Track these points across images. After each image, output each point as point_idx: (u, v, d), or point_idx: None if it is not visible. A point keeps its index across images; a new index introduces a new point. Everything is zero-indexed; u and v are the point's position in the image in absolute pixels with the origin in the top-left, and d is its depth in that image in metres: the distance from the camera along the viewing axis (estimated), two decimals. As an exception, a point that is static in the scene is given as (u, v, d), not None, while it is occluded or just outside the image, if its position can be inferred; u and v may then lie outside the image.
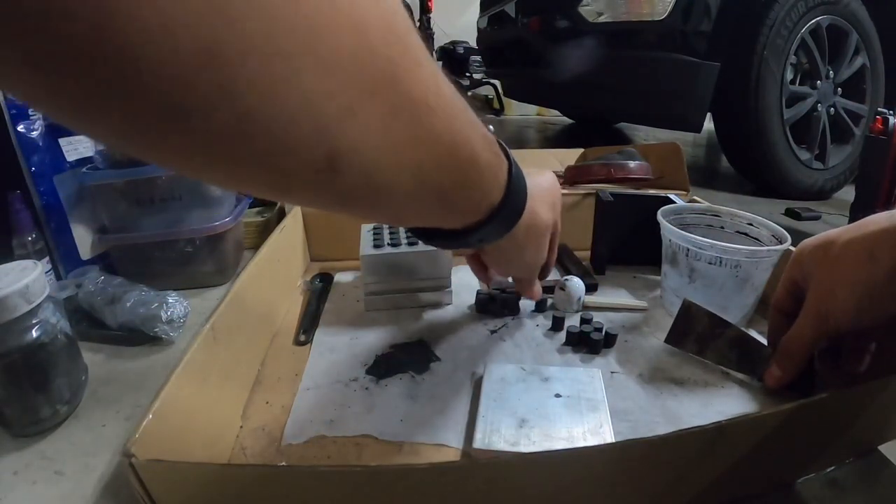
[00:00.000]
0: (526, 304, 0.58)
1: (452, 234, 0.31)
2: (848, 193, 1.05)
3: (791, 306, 0.41)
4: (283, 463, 0.36)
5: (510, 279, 0.50)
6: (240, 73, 0.14)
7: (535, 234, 0.38)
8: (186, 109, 0.14)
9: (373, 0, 0.18)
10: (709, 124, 1.26)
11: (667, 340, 0.48)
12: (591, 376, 0.43)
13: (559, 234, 0.44)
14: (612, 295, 0.61)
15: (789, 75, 1.16)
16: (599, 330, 0.50)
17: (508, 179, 0.31)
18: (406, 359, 0.48)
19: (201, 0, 0.13)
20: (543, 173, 0.41)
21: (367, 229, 0.61)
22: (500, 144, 0.31)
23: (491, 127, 0.31)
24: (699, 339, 0.46)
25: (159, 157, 0.17)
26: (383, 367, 0.47)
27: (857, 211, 0.87)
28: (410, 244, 0.57)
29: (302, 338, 0.52)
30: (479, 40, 2.12)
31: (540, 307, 0.57)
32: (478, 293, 0.58)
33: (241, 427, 0.40)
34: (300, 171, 0.18)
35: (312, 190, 0.20)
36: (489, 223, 0.31)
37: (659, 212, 0.56)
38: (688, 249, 0.51)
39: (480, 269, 0.49)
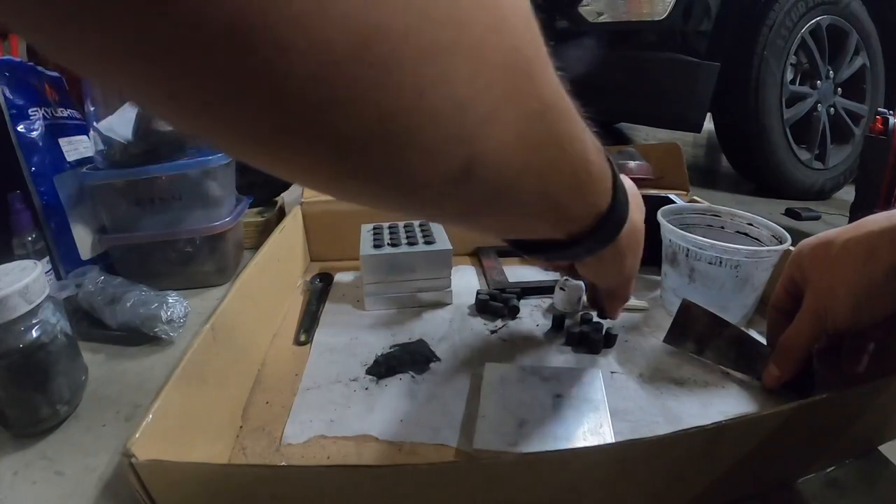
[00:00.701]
0: (526, 305, 0.58)
1: (558, 245, 0.30)
2: (848, 193, 1.05)
3: (790, 306, 0.41)
4: (283, 463, 0.36)
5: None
6: (389, 69, 0.13)
7: (635, 240, 0.36)
8: (331, 103, 0.13)
9: None
10: (709, 124, 1.26)
11: (666, 340, 0.48)
12: (591, 376, 0.43)
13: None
14: (612, 295, 0.61)
15: (789, 75, 1.16)
16: (599, 330, 0.50)
17: (614, 185, 0.29)
18: (406, 359, 0.48)
19: None
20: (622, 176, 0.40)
21: (367, 229, 0.61)
22: (604, 150, 0.30)
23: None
24: (698, 338, 0.46)
25: (287, 167, 0.15)
26: (383, 367, 0.47)
27: (857, 211, 0.86)
28: (410, 244, 0.57)
29: (302, 338, 0.52)
30: (479, 40, 2.11)
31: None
32: (478, 293, 0.58)
33: (241, 427, 0.40)
34: (432, 180, 0.17)
35: (437, 201, 0.19)
36: (597, 232, 0.29)
37: (659, 212, 0.56)
38: (688, 249, 0.51)
39: (597, 299, 0.47)
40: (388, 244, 0.57)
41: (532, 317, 0.56)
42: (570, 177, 0.24)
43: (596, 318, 0.52)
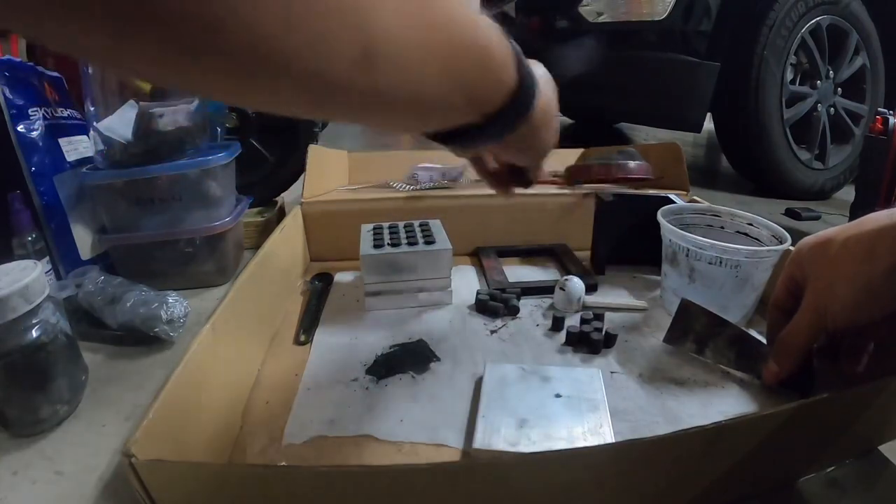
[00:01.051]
0: (526, 305, 0.58)
1: (475, 130, 0.30)
2: (848, 193, 1.05)
3: (790, 304, 0.41)
4: (283, 463, 0.36)
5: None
6: None
7: (548, 112, 0.37)
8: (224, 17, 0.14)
9: None
10: (709, 124, 1.26)
11: (665, 340, 0.48)
12: (591, 376, 0.43)
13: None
14: (612, 295, 0.61)
15: (789, 75, 1.16)
16: (599, 330, 0.50)
17: (519, 63, 0.30)
18: (406, 359, 0.48)
19: None
20: (532, 62, 0.41)
21: (367, 229, 0.61)
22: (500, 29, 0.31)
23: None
24: (698, 338, 0.46)
25: (189, 79, 0.17)
26: (383, 367, 0.47)
27: (857, 211, 0.87)
28: (410, 244, 0.57)
29: (302, 338, 0.52)
30: (479, 40, 2.11)
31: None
32: (478, 293, 0.58)
33: (241, 427, 0.40)
34: (338, 67, 0.18)
35: (350, 90, 0.20)
36: (510, 109, 0.30)
37: (659, 212, 0.56)
38: (688, 249, 0.51)
39: (485, 171, 0.46)
40: (389, 244, 0.57)
41: (532, 317, 0.56)
42: (472, 56, 0.25)
43: (596, 319, 0.52)
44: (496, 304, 0.56)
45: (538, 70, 0.37)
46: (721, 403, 0.42)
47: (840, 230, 0.37)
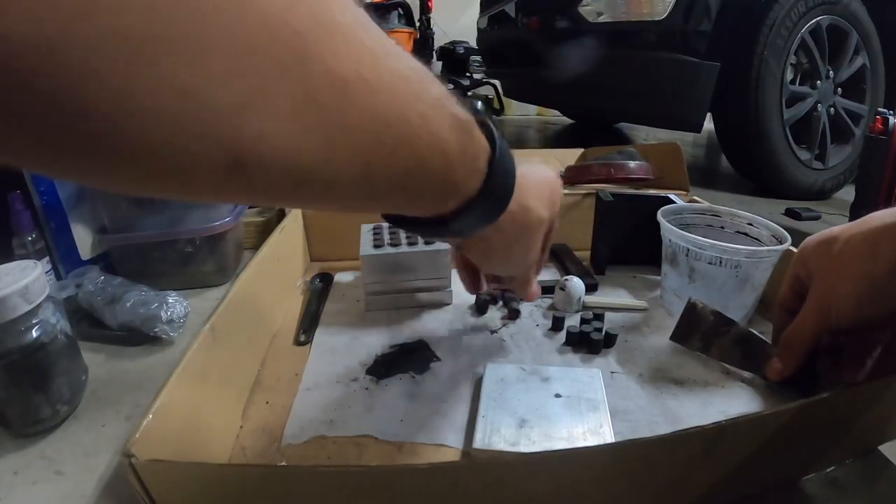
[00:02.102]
0: (526, 305, 0.58)
1: (427, 222, 0.28)
2: (848, 193, 1.05)
3: (796, 303, 0.41)
4: (283, 463, 0.36)
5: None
6: (89, 75, 0.12)
7: (526, 229, 0.34)
8: (55, 110, 0.13)
9: None
10: (709, 124, 1.26)
11: (672, 338, 0.48)
12: (591, 376, 0.43)
13: (554, 234, 0.40)
14: (612, 295, 0.61)
15: (789, 75, 1.16)
16: (599, 330, 0.50)
17: (490, 164, 0.27)
18: (406, 359, 0.48)
19: None
20: (543, 167, 0.37)
21: (367, 229, 0.61)
22: (486, 125, 0.28)
23: (478, 105, 0.29)
24: (704, 336, 0.46)
25: (45, 169, 0.15)
26: (383, 367, 0.47)
27: (857, 211, 0.87)
28: (410, 244, 0.57)
29: (302, 338, 0.52)
30: (479, 40, 2.12)
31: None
32: (478, 294, 0.58)
33: (241, 427, 0.40)
34: (205, 175, 0.16)
35: (230, 193, 0.18)
36: (466, 213, 0.27)
37: (659, 212, 0.56)
38: (688, 249, 0.51)
39: (467, 272, 0.45)
40: (389, 244, 0.57)
41: (532, 317, 0.56)
42: (406, 157, 0.21)
43: (596, 319, 0.52)
44: (496, 305, 0.56)
45: (540, 175, 0.35)
46: (721, 403, 0.42)
47: (844, 228, 0.37)
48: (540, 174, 0.36)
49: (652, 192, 0.75)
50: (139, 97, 0.13)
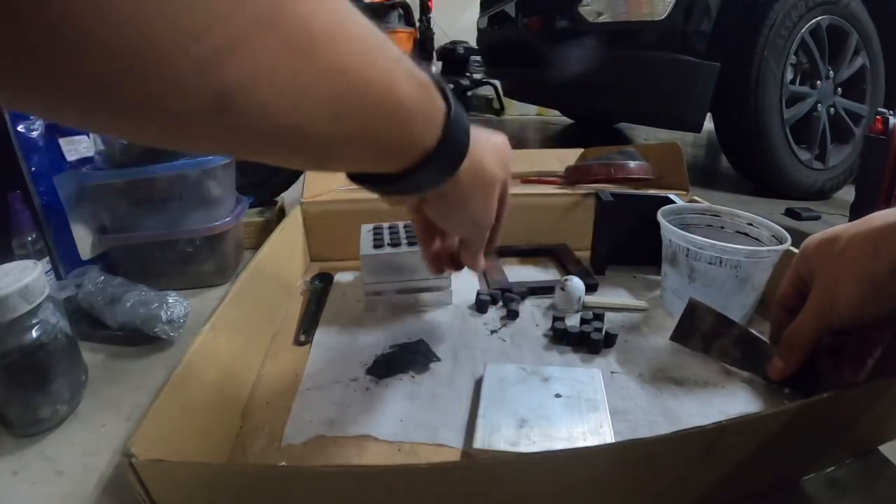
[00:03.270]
0: (526, 305, 0.58)
1: (388, 178, 0.29)
2: (848, 193, 1.05)
3: (796, 302, 0.41)
4: (283, 463, 0.36)
5: (496, 278, 0.49)
6: (107, 9, 0.14)
7: (482, 184, 0.35)
8: (61, 44, 0.14)
9: None
10: (709, 124, 1.26)
11: (672, 338, 0.48)
12: (591, 376, 0.43)
13: (508, 198, 0.41)
14: (612, 295, 0.61)
15: (789, 75, 1.16)
16: (599, 330, 0.50)
17: (446, 121, 0.29)
18: (406, 359, 0.48)
19: None
20: (493, 132, 0.39)
21: (367, 229, 0.61)
22: (440, 85, 0.29)
23: (436, 74, 0.30)
24: (704, 337, 0.46)
25: (36, 108, 0.17)
26: (383, 367, 0.47)
27: (857, 211, 0.87)
28: (410, 244, 0.57)
29: (302, 338, 0.52)
30: (479, 40, 2.12)
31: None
32: (478, 293, 0.58)
33: (241, 427, 0.40)
34: (190, 112, 0.18)
35: (211, 133, 0.19)
36: (426, 167, 0.29)
37: (659, 212, 0.56)
38: (688, 249, 0.51)
39: (425, 227, 0.44)
40: (389, 244, 0.57)
41: (532, 317, 0.56)
42: (371, 109, 0.23)
43: (596, 319, 0.52)
44: (496, 305, 0.56)
45: (493, 138, 0.37)
46: (721, 403, 0.42)
47: (847, 227, 0.37)
48: (493, 136, 0.37)
49: (652, 192, 0.75)
50: (144, 32, 0.15)
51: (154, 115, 0.17)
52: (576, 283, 0.56)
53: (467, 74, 2.85)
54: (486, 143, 0.35)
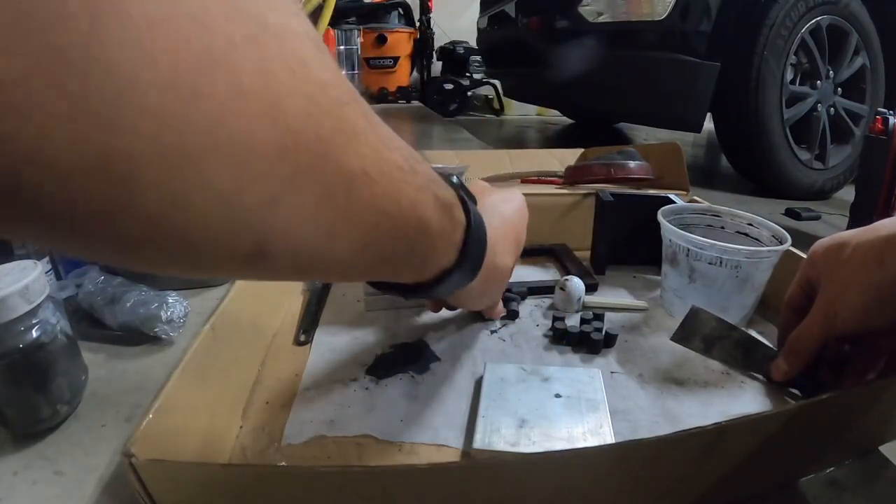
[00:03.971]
0: (526, 305, 0.58)
1: (405, 287, 0.31)
2: (848, 193, 1.05)
3: (803, 304, 0.41)
4: (283, 463, 0.36)
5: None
6: (135, 182, 0.14)
7: (495, 280, 0.37)
8: (91, 217, 0.14)
9: (291, 73, 0.16)
10: (709, 124, 1.26)
11: (673, 338, 0.48)
12: (591, 376, 0.43)
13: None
14: (612, 295, 0.61)
15: (789, 75, 1.16)
16: (599, 330, 0.50)
17: (465, 238, 0.30)
18: (406, 359, 0.48)
19: (84, 116, 0.12)
20: (510, 199, 0.41)
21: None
22: (460, 195, 0.30)
23: (462, 172, 0.31)
24: (705, 339, 0.46)
25: (88, 254, 0.16)
26: (383, 367, 0.47)
27: (857, 211, 0.87)
28: (410, 244, 0.57)
29: (302, 338, 0.52)
30: (479, 40, 2.12)
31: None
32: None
33: (241, 427, 0.40)
34: (225, 262, 0.18)
35: (244, 273, 0.20)
36: (443, 281, 0.30)
37: (659, 212, 0.56)
38: (688, 249, 0.51)
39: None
40: (388, 244, 0.57)
41: (532, 317, 0.56)
42: (397, 241, 0.24)
43: (596, 319, 0.52)
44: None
45: (506, 217, 0.39)
46: (721, 403, 0.42)
47: (855, 234, 0.37)
48: (506, 216, 0.39)
49: (652, 192, 0.75)
50: (184, 201, 0.15)
51: (185, 267, 0.17)
52: (576, 283, 0.56)
53: (467, 74, 2.85)
54: (500, 234, 0.36)
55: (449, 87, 2.78)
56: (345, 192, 0.19)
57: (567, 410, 0.39)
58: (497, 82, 2.74)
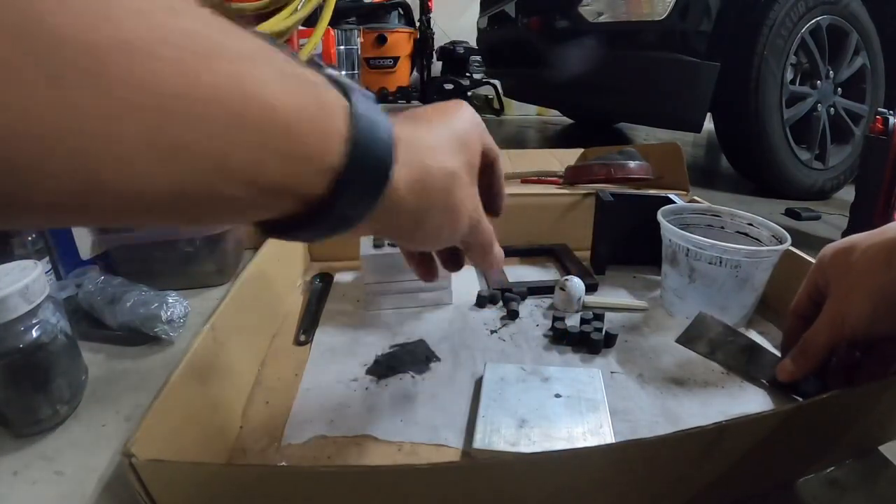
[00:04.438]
0: (526, 305, 0.58)
1: (299, 222, 0.21)
2: (848, 193, 1.05)
3: (811, 310, 0.40)
4: (283, 463, 0.36)
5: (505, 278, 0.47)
6: None
7: (435, 193, 0.26)
8: None
9: None
10: (709, 124, 1.26)
11: (678, 341, 0.48)
12: (591, 376, 0.43)
13: (499, 160, 0.32)
14: (612, 295, 0.61)
15: (789, 75, 1.16)
16: (599, 330, 0.50)
17: (351, 123, 0.21)
18: (406, 359, 0.48)
19: None
20: (442, 104, 0.29)
21: (367, 229, 0.61)
22: (337, 81, 0.22)
23: (331, 71, 0.21)
24: (710, 343, 0.46)
25: None
26: (383, 367, 0.47)
27: (857, 211, 0.86)
28: (410, 244, 0.57)
29: (302, 338, 0.52)
30: (479, 40, 2.12)
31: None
32: (478, 293, 0.58)
33: (241, 427, 0.40)
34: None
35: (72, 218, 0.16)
36: (342, 196, 0.21)
37: (659, 212, 0.56)
38: (688, 249, 0.51)
39: (415, 261, 0.39)
40: (389, 244, 0.57)
41: (532, 317, 0.56)
42: (230, 131, 0.17)
43: (596, 319, 0.52)
44: (496, 305, 0.56)
45: (433, 116, 0.28)
46: (721, 403, 0.42)
47: (864, 237, 0.37)
48: (440, 116, 0.28)
49: (652, 192, 0.75)
50: None
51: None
52: (576, 283, 0.56)
53: (467, 74, 2.85)
54: (428, 133, 0.26)
55: (449, 87, 2.78)
56: (96, 72, 0.13)
57: (567, 410, 0.39)
58: (497, 82, 2.73)
